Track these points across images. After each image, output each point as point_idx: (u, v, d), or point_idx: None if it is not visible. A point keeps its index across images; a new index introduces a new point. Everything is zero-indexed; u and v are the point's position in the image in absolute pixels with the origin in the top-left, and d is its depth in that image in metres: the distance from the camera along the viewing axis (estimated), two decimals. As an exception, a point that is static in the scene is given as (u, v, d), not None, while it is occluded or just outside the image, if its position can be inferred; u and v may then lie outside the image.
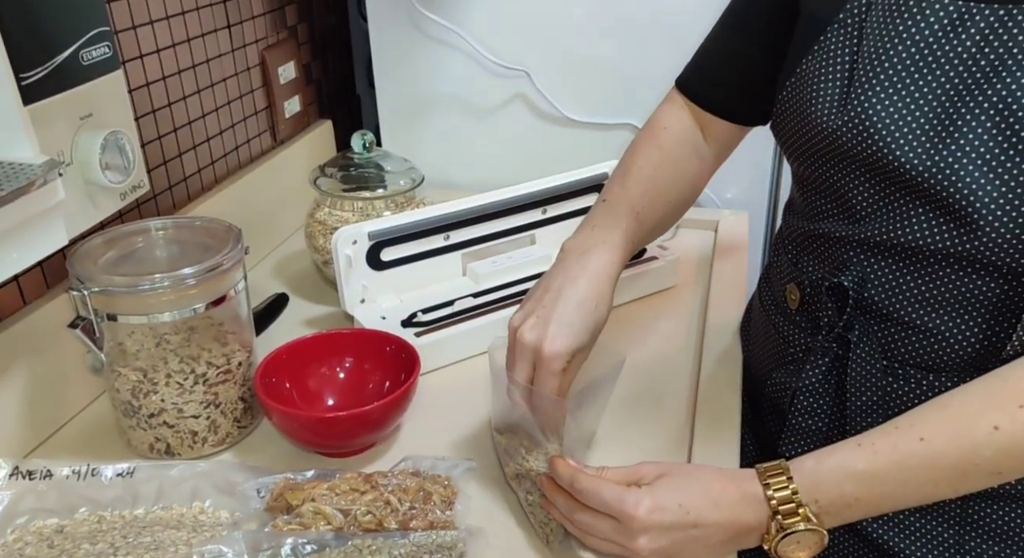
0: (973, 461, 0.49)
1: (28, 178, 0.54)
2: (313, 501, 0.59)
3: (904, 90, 0.54)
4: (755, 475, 0.53)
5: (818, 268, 0.63)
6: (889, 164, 0.54)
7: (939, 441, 0.50)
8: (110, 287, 0.62)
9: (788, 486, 0.52)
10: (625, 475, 0.56)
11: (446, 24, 1.06)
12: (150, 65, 0.83)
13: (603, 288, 0.63)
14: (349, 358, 0.74)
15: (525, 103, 1.10)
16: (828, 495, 0.52)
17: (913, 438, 0.50)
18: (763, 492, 0.52)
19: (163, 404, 0.66)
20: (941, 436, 0.50)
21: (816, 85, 0.58)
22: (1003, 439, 0.48)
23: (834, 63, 0.57)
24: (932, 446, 0.50)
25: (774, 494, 0.52)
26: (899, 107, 0.54)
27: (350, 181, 0.90)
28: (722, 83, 0.72)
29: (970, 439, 0.49)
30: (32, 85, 0.57)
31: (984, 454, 0.49)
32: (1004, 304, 0.54)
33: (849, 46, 0.57)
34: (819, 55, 0.59)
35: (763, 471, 0.53)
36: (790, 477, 0.52)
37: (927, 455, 0.50)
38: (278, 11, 1.06)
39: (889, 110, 0.54)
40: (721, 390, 0.74)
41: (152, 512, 0.61)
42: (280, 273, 0.99)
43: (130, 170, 0.66)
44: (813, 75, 0.59)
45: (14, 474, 0.62)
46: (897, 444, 0.51)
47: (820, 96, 0.58)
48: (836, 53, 0.57)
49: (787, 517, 0.52)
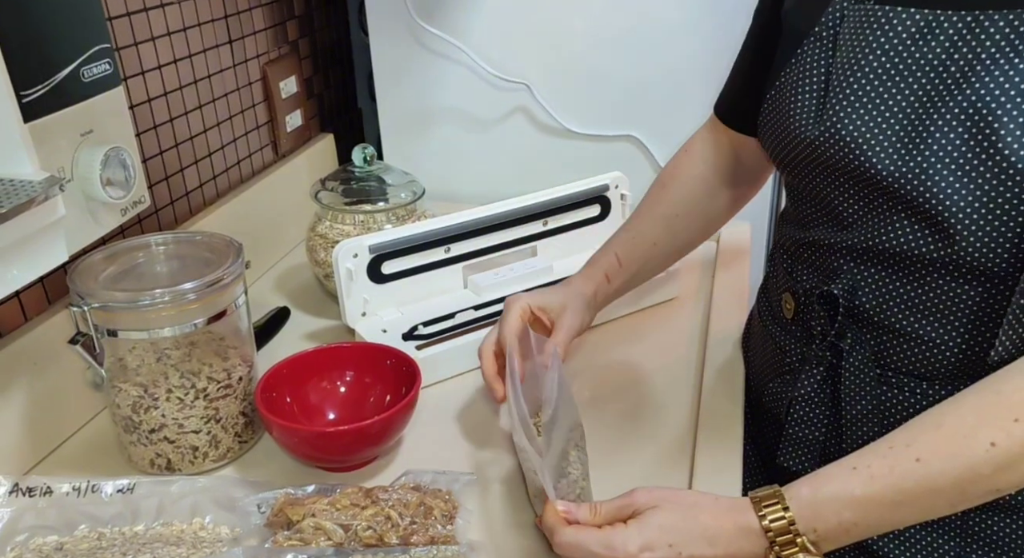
0: (971, 480, 0.48)
1: (29, 195, 0.54)
2: (314, 516, 0.58)
3: (877, 99, 0.54)
4: (750, 506, 0.52)
5: (811, 277, 0.64)
6: (865, 172, 0.55)
7: (936, 462, 0.49)
8: (110, 303, 0.62)
9: (784, 515, 0.51)
10: (617, 510, 0.54)
11: (446, 38, 1.07)
12: (152, 81, 0.84)
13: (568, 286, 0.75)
14: (350, 372, 0.74)
15: (526, 115, 1.11)
16: (827, 524, 0.50)
17: (909, 459, 0.49)
18: (759, 523, 0.51)
19: (164, 419, 0.65)
20: (938, 456, 0.49)
21: (794, 97, 0.59)
22: (1000, 455, 0.48)
23: (811, 75, 0.58)
24: (929, 467, 0.49)
25: (770, 525, 0.51)
26: (872, 115, 0.54)
27: (351, 194, 0.91)
28: (748, 104, 0.70)
29: (967, 458, 0.48)
30: (33, 102, 0.57)
31: (982, 472, 0.48)
32: (984, 309, 0.54)
33: (824, 57, 0.58)
34: (796, 67, 0.59)
35: (758, 501, 0.52)
36: (786, 507, 0.51)
37: (924, 476, 0.49)
38: (279, 26, 1.07)
39: (864, 119, 0.54)
40: (723, 401, 0.74)
41: (152, 528, 0.61)
42: (282, 287, 0.99)
43: (131, 185, 0.66)
44: (791, 87, 0.60)
45: (14, 491, 0.62)
46: (894, 466, 0.50)
47: (798, 107, 0.59)
48: (812, 65, 0.58)
49: (784, 547, 0.51)
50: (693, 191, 0.76)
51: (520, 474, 0.67)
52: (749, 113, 0.68)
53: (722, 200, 0.77)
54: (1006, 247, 0.51)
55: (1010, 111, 0.49)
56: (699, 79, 1.03)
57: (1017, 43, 0.49)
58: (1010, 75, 0.49)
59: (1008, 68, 0.49)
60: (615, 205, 0.96)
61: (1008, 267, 0.51)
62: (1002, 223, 0.50)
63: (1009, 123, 0.49)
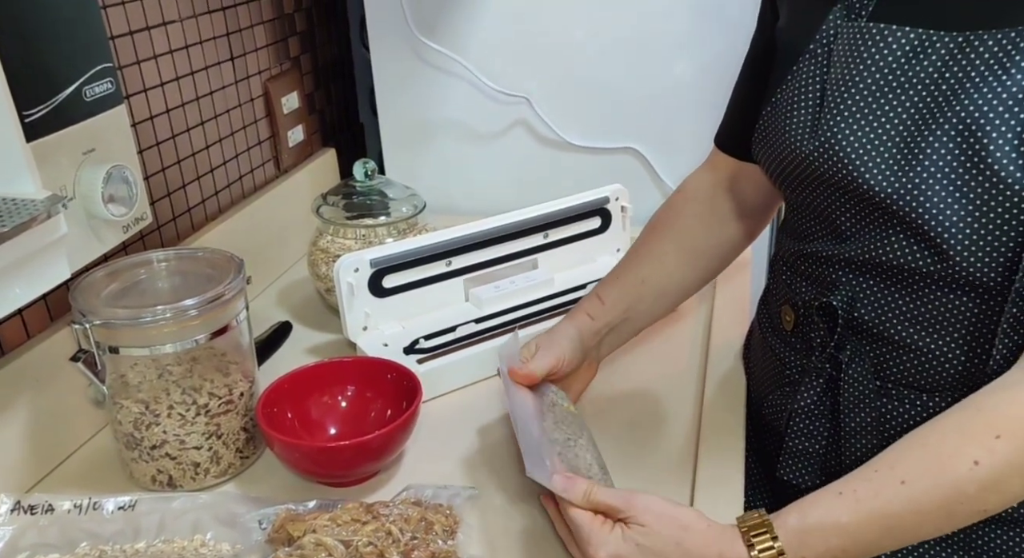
0: (957, 500, 0.48)
1: (31, 213, 0.54)
2: (315, 532, 0.58)
3: (871, 115, 0.54)
4: (738, 535, 0.52)
5: (810, 289, 0.64)
6: (859, 188, 0.55)
7: (920, 483, 0.49)
8: (112, 319, 0.62)
9: (773, 545, 0.50)
10: (611, 500, 0.54)
11: (447, 52, 1.07)
12: (154, 99, 0.85)
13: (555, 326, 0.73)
14: (351, 386, 0.74)
15: (526, 129, 1.11)
16: (815, 551, 0.50)
17: (894, 482, 0.49)
18: (747, 555, 0.51)
19: (165, 436, 0.66)
20: (922, 478, 0.49)
21: (789, 113, 0.59)
22: (984, 473, 0.47)
23: (805, 91, 0.59)
24: (914, 489, 0.49)
25: (759, 555, 0.50)
26: (866, 131, 0.54)
27: (352, 209, 0.91)
28: (748, 130, 0.69)
29: (951, 477, 0.48)
30: (35, 122, 0.57)
31: (967, 492, 0.48)
32: (982, 321, 0.54)
33: (819, 74, 0.58)
34: (792, 84, 0.60)
35: (746, 530, 0.52)
36: (775, 536, 0.51)
37: (910, 498, 0.49)
38: (281, 42, 1.08)
39: (858, 135, 0.55)
40: (724, 413, 0.73)
41: (153, 546, 0.61)
42: (283, 301, 0.99)
43: (133, 203, 0.67)
44: (787, 103, 0.60)
45: (15, 509, 0.62)
46: (879, 490, 0.49)
47: (793, 123, 0.59)
48: (807, 81, 0.59)
49: None
50: (687, 228, 0.75)
51: (520, 488, 0.67)
52: (749, 140, 0.68)
53: (723, 236, 0.76)
54: (999, 260, 0.51)
55: (999, 127, 0.49)
56: (699, 92, 1.03)
57: (1006, 61, 0.49)
58: (999, 92, 0.49)
59: (997, 85, 0.49)
60: (615, 217, 0.96)
61: (1002, 280, 0.51)
62: (994, 237, 0.50)
63: (999, 139, 0.49)
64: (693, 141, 0.80)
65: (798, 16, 0.62)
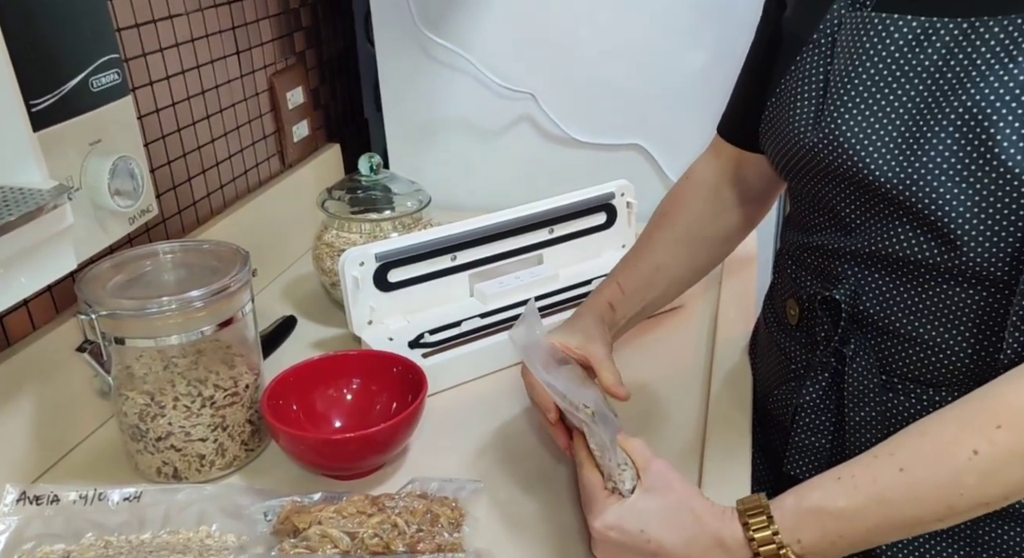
0: (956, 490, 0.47)
1: (37, 203, 0.54)
2: (320, 524, 0.58)
3: (875, 105, 0.54)
4: (735, 516, 0.52)
5: (814, 282, 0.63)
6: (864, 178, 0.55)
7: (919, 471, 0.48)
8: (118, 310, 0.62)
9: (769, 526, 0.50)
10: (638, 452, 0.57)
11: (452, 48, 1.07)
12: (160, 91, 0.84)
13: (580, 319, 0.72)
14: (356, 380, 0.74)
15: (531, 124, 1.11)
16: (811, 534, 0.50)
17: (893, 469, 0.49)
18: (743, 534, 0.51)
19: (170, 427, 0.66)
20: (921, 466, 0.48)
21: (793, 103, 0.59)
22: (983, 464, 0.47)
23: (809, 81, 0.58)
24: (912, 476, 0.48)
25: (754, 535, 0.50)
26: (870, 121, 0.54)
27: (357, 203, 0.91)
28: (751, 120, 0.69)
29: (950, 466, 0.47)
30: (42, 112, 0.57)
31: (966, 482, 0.47)
32: (989, 313, 0.53)
33: (823, 64, 0.58)
34: (796, 74, 0.60)
35: (743, 511, 0.52)
36: (770, 516, 0.51)
37: (908, 486, 0.48)
38: (287, 37, 1.08)
39: (862, 125, 0.54)
40: (731, 409, 0.73)
41: (159, 537, 0.61)
42: (288, 295, 0.99)
43: (139, 195, 0.67)
44: (791, 93, 0.60)
45: (21, 499, 0.62)
46: (877, 476, 0.49)
47: (797, 113, 0.59)
48: (811, 71, 0.58)
49: None
50: (695, 215, 0.75)
51: (525, 480, 0.67)
52: (752, 129, 0.68)
53: (727, 222, 0.76)
54: (1007, 251, 0.50)
55: (1005, 116, 0.49)
56: (704, 88, 1.03)
57: (1012, 49, 0.49)
58: (1005, 81, 0.49)
59: (1003, 73, 0.49)
60: (621, 213, 0.96)
61: (1010, 271, 0.51)
62: (1001, 228, 0.50)
63: (1005, 128, 0.49)
64: (698, 138, 0.80)
65: (804, 6, 0.62)
